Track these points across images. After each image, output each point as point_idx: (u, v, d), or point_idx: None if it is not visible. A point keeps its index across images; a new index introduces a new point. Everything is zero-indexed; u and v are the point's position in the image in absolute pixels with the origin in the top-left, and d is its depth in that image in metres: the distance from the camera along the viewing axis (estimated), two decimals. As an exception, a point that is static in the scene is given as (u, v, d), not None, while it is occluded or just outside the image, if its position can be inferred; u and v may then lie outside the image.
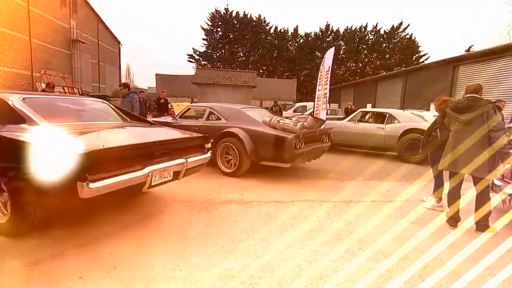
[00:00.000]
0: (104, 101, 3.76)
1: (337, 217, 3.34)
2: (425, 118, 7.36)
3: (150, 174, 2.53)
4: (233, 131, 4.98)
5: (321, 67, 7.92)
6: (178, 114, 6.28)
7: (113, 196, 2.45)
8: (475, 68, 15.09)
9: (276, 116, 5.19)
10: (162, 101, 9.78)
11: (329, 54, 7.52)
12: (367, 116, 8.64)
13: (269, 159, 4.83)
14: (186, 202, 3.65)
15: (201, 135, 3.37)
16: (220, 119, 5.48)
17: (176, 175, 2.98)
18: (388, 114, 7.53)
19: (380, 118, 7.87)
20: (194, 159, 3.16)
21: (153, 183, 2.67)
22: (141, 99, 9.23)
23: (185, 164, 2.96)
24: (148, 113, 9.45)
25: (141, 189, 2.56)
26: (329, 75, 7.36)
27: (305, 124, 5.01)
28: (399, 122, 7.26)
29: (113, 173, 2.25)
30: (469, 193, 4.17)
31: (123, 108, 3.88)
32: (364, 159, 7.44)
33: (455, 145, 3.15)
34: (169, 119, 6.41)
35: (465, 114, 3.10)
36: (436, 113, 8.35)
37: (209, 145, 3.54)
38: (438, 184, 3.94)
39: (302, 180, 5.03)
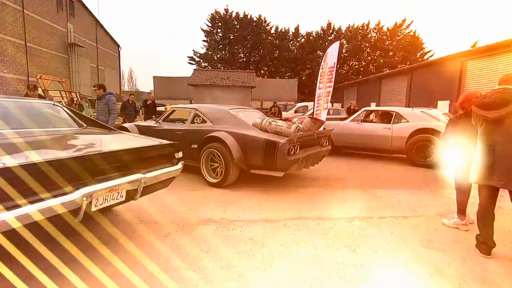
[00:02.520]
0: (57, 104, 3.16)
1: (337, 242, 2.69)
2: (436, 116, 6.67)
3: (86, 198, 1.91)
4: (218, 135, 4.35)
5: (322, 63, 7.21)
6: (161, 118, 5.69)
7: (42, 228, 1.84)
8: (486, 62, 14.31)
9: (268, 118, 4.56)
10: (149, 102, 9.22)
11: (333, 48, 6.82)
12: (372, 116, 7.96)
13: (259, 167, 4.19)
14: (155, 224, 3.02)
15: (167, 142, 2.75)
16: (205, 122, 4.86)
17: (132, 195, 2.36)
18: (395, 113, 6.85)
19: (386, 117, 7.19)
20: (157, 173, 2.53)
21: (93, 208, 2.05)
22: (130, 102, 8.70)
23: (142, 181, 2.34)
24: (139, 116, 8.97)
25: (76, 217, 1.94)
26: (333, 72, 6.66)
27: (300, 126, 4.36)
28: (408, 121, 6.58)
29: (24, 201, 1.63)
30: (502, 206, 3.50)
31: (76, 111, 3.27)
32: (369, 163, 6.77)
33: (484, 151, 2.49)
34: (152, 123, 5.82)
35: (494, 111, 2.44)
36: (446, 111, 7.66)
37: (180, 154, 2.92)
38: (461, 196, 3.27)
39: (298, 190, 4.38)
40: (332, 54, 6.87)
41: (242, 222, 3.12)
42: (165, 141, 2.77)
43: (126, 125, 5.99)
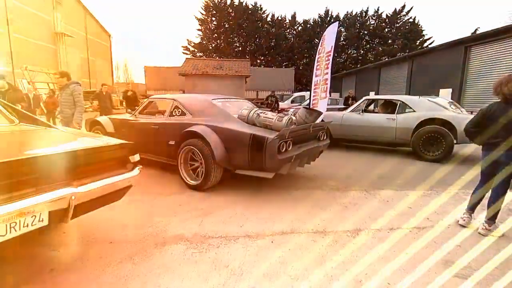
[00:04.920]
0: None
1: (338, 269, 2.09)
2: (444, 105, 6.04)
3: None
4: (197, 130, 3.71)
5: (319, 47, 6.50)
6: (137, 110, 5.03)
7: None
8: (491, 48, 13.62)
9: (257, 109, 3.91)
10: (129, 93, 8.53)
11: (331, 31, 6.10)
12: (374, 105, 7.33)
13: (245, 167, 3.56)
14: (110, 244, 2.41)
15: (116, 143, 2.11)
16: (184, 114, 4.21)
17: (60, 217, 1.74)
18: (399, 102, 6.21)
19: (390, 107, 6.56)
20: (99, 184, 1.90)
21: (-10, 243, 1.43)
22: (104, 93, 8.01)
23: (73, 197, 1.71)
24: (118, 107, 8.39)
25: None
26: (330, 57, 5.97)
27: (293, 118, 3.72)
28: (414, 111, 5.95)
29: None
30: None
31: (8, 104, 2.61)
32: (371, 157, 6.17)
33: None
34: (127, 116, 5.17)
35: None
36: (450, 99, 7.04)
37: (137, 157, 2.28)
38: (477, 198, 2.76)
39: (291, 193, 3.77)
40: (329, 37, 6.16)
41: (219, 239, 2.51)
42: (114, 141, 2.13)
43: (99, 118, 5.34)
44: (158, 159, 4.51)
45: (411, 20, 37.21)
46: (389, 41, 37.81)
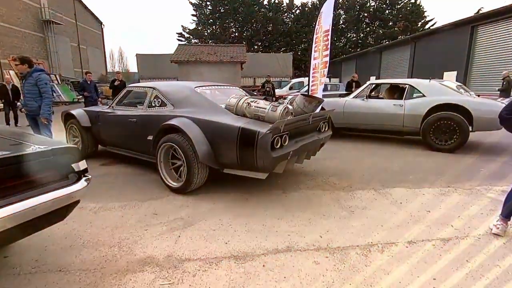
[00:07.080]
0: None
1: (348, 307, 1.60)
2: (456, 89, 5.48)
3: None
4: (176, 123, 3.16)
5: (316, 26, 5.84)
6: (114, 101, 4.47)
7: None
8: (500, 27, 12.90)
9: (248, 97, 3.35)
10: (117, 83, 7.93)
11: (328, 6, 5.46)
12: (379, 90, 6.75)
13: (234, 166, 3.05)
14: (58, 273, 1.90)
15: (47, 149, 1.57)
16: (165, 104, 3.65)
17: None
18: (407, 86, 5.63)
19: (396, 92, 5.99)
20: (21, 207, 1.38)
21: None
22: (89, 82, 7.42)
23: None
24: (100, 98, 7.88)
25: None
26: (329, 37, 5.34)
27: (290, 107, 3.17)
28: (424, 96, 5.39)
29: None
30: None
31: None
32: (377, 148, 5.64)
33: None
34: (104, 108, 4.61)
35: None
36: (459, 83, 6.44)
37: (82, 165, 1.74)
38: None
39: (288, 194, 3.26)
40: (327, 14, 5.51)
41: (198, 262, 2.01)
42: (45, 146, 1.58)
43: (74, 111, 4.76)
44: (137, 156, 4.01)
45: (412, 1, 36.00)
46: (390, 24, 36.71)
